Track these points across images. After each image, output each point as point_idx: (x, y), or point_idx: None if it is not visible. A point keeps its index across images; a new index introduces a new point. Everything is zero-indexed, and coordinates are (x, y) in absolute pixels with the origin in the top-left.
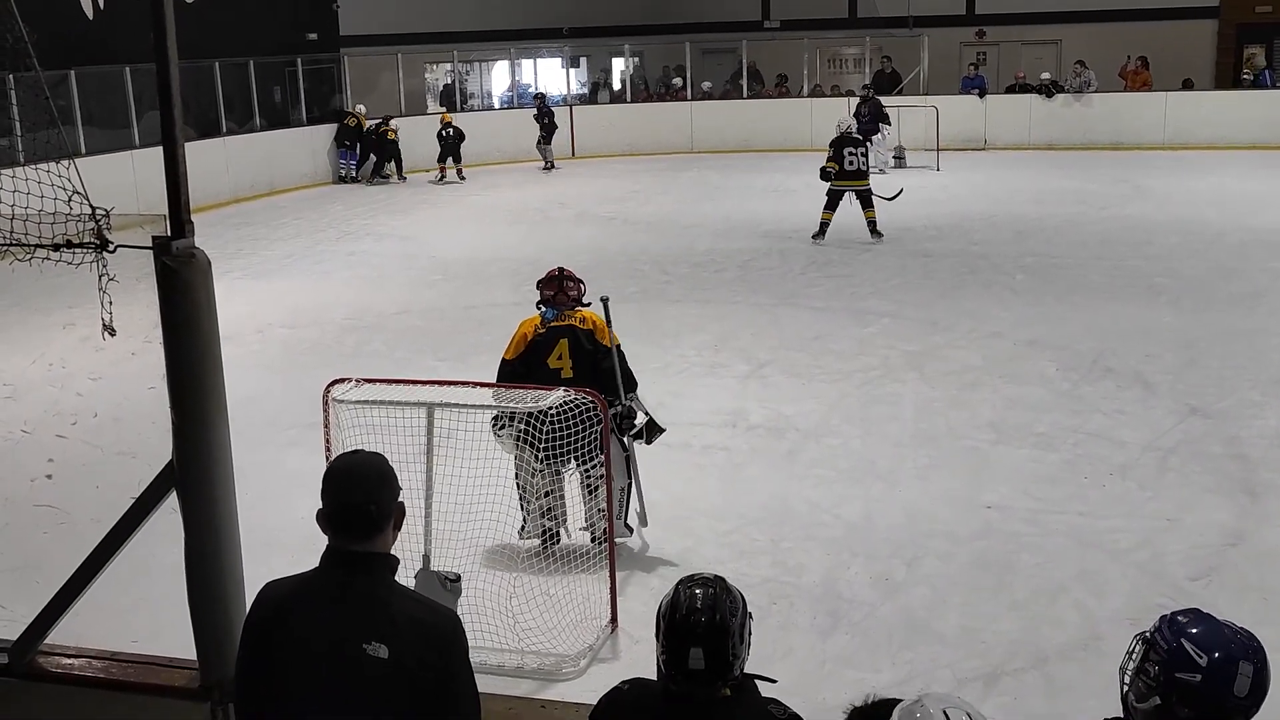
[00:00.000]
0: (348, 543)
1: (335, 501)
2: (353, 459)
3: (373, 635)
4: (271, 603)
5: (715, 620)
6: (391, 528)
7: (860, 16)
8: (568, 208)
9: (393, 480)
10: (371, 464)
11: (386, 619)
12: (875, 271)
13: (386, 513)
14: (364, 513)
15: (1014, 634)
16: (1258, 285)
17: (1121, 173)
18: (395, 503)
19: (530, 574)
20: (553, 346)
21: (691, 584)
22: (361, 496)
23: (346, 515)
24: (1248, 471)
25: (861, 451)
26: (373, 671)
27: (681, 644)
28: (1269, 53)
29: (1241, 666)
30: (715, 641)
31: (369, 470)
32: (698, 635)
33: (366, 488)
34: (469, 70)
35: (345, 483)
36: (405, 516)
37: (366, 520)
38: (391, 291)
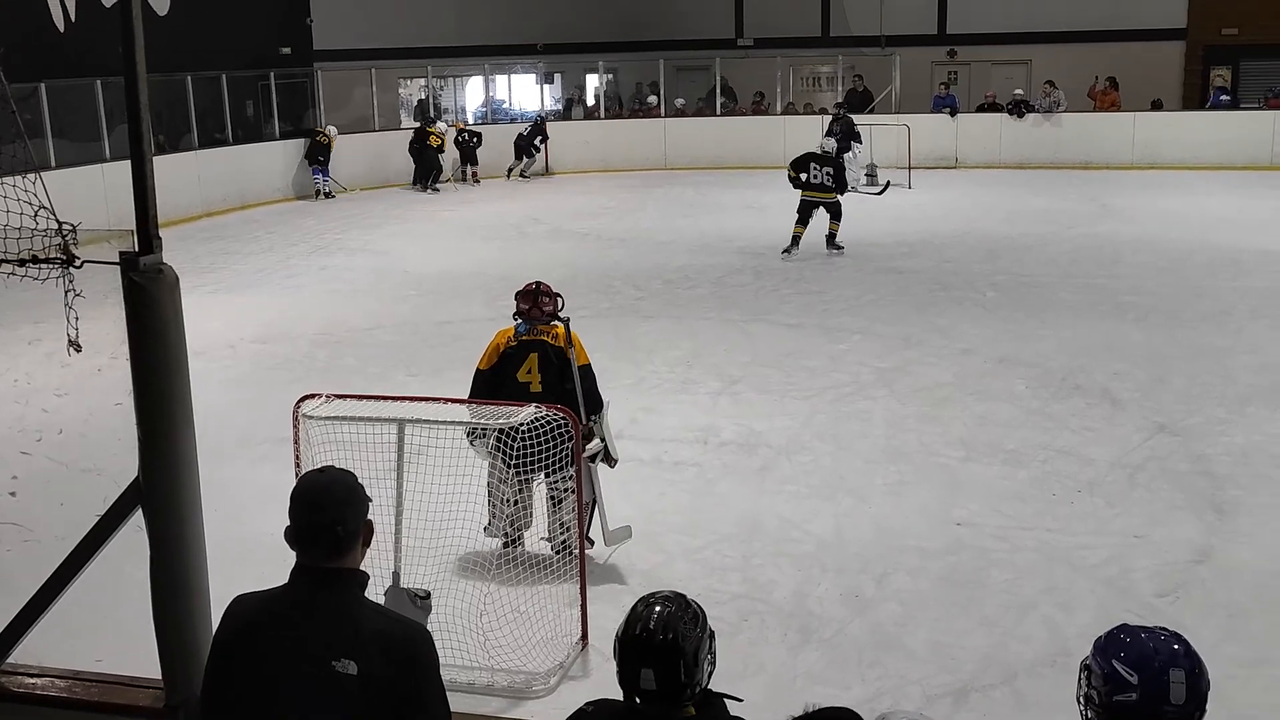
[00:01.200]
0: (315, 560)
1: (301, 520)
2: (320, 477)
3: (341, 652)
4: (239, 618)
5: (667, 640)
6: (360, 545)
7: (833, 35)
8: (542, 223)
9: (360, 498)
10: (339, 482)
11: (355, 635)
12: (847, 288)
13: (354, 531)
14: (330, 532)
15: (983, 650)
16: (1225, 303)
17: (1091, 192)
18: (363, 520)
19: (501, 590)
20: (523, 360)
21: (649, 603)
22: (328, 515)
23: (312, 533)
24: (1215, 488)
25: (832, 467)
26: (342, 688)
27: (633, 664)
28: (1235, 74)
29: (1173, 674)
30: (666, 662)
31: (336, 489)
32: (648, 655)
33: (332, 506)
34: (443, 85)
35: (311, 501)
36: (374, 534)
37: (332, 539)
38: (364, 306)
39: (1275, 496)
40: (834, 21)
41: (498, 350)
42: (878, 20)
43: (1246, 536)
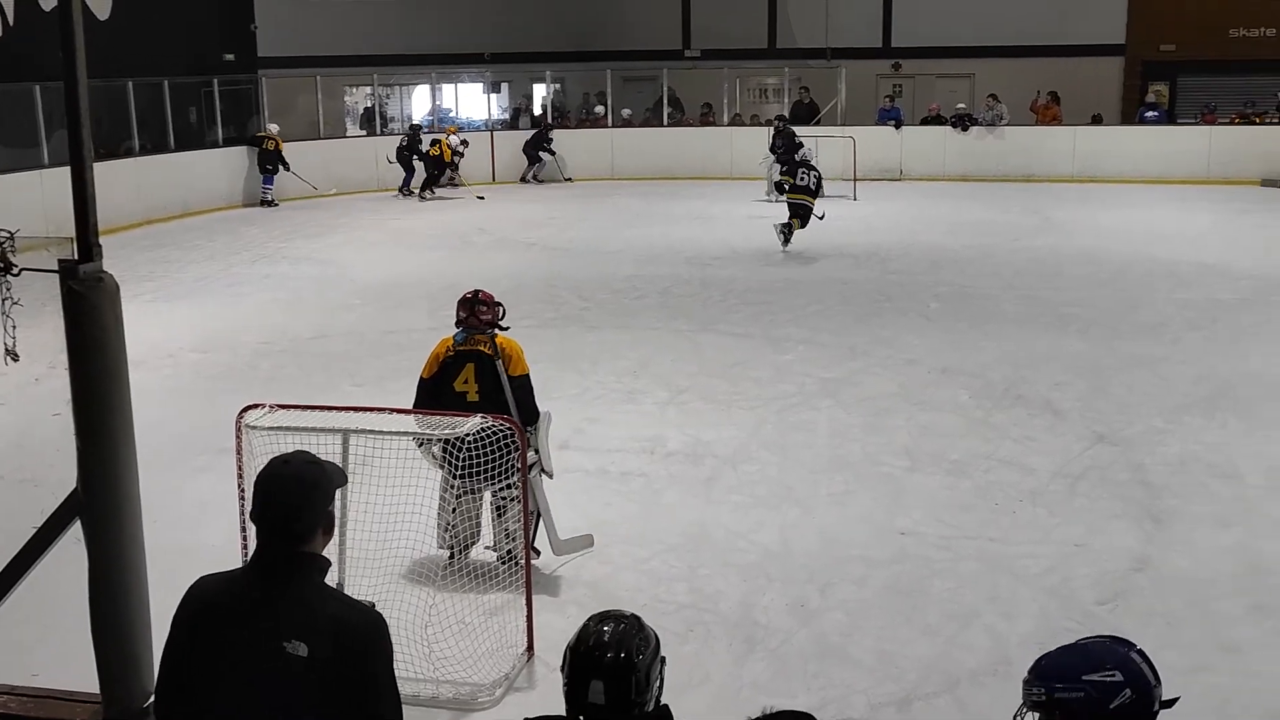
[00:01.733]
0: (274, 544)
1: (260, 505)
2: (284, 468)
3: (293, 633)
4: (199, 598)
5: (620, 657)
6: (321, 533)
7: (779, 47)
8: (487, 233)
9: (323, 488)
10: (302, 473)
11: (308, 618)
12: (793, 299)
13: (313, 521)
14: (286, 519)
15: (927, 658)
16: (1163, 315)
17: (1032, 204)
18: (325, 510)
19: (446, 601)
20: (459, 370)
21: (603, 619)
22: (288, 505)
23: (269, 520)
24: (1152, 498)
25: (778, 478)
26: (291, 669)
27: (583, 676)
28: (1173, 89)
29: (1136, 657)
30: (618, 677)
31: (298, 478)
32: (600, 669)
33: (293, 496)
34: (389, 94)
35: (270, 488)
36: (334, 523)
37: (288, 526)
38: (308, 315)
39: (1211, 505)
40: (781, 34)
41: (437, 359)
42: (824, 33)
43: (1183, 545)
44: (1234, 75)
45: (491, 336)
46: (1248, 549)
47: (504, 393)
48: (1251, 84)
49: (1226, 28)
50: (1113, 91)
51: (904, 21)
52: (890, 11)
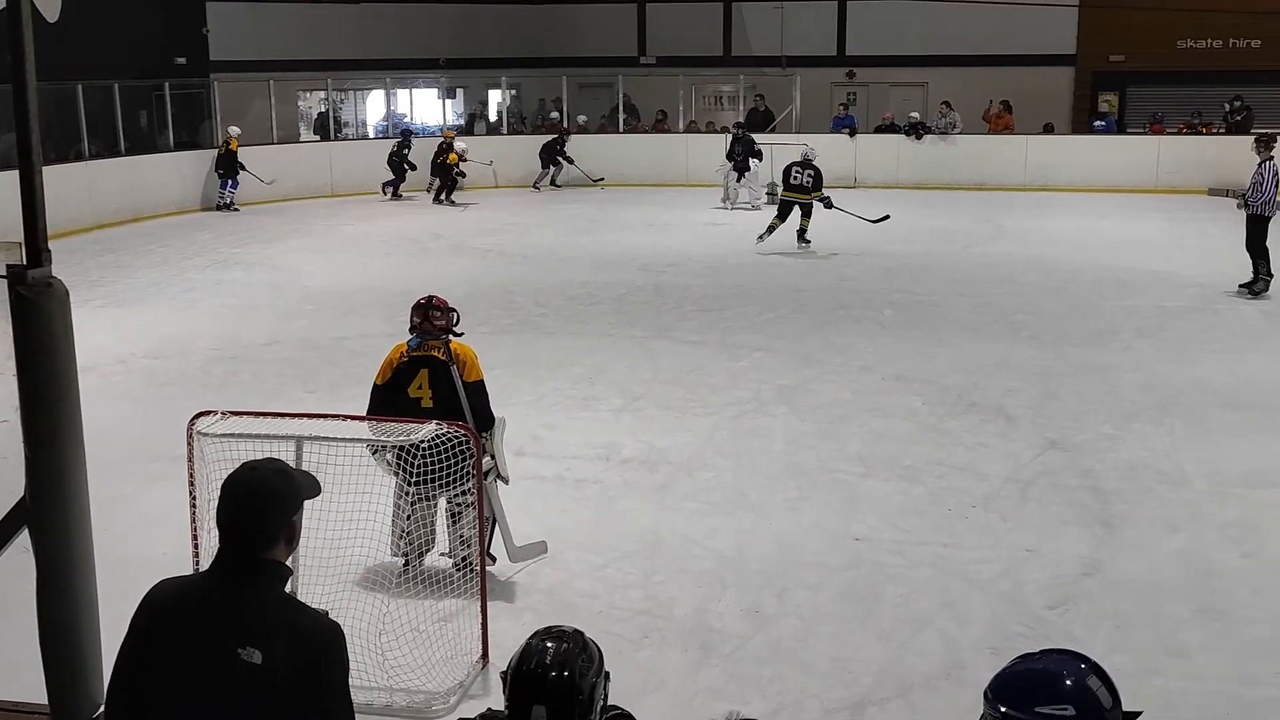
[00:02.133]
0: (235, 549)
1: (225, 511)
2: (251, 473)
3: (249, 639)
4: (156, 602)
5: (563, 678)
6: (283, 542)
7: (735, 55)
8: (443, 239)
9: (289, 496)
10: (266, 483)
11: (265, 624)
12: (748, 306)
13: (275, 528)
14: (251, 525)
15: (880, 663)
16: (1112, 322)
17: (985, 212)
18: (288, 518)
19: (400, 609)
20: (414, 375)
21: (546, 637)
22: (251, 510)
23: (231, 525)
24: (1102, 503)
25: (733, 484)
26: (244, 676)
27: (525, 700)
28: (1122, 99)
29: (1090, 682)
30: (560, 700)
31: (265, 484)
32: (542, 692)
33: (257, 501)
34: (343, 99)
35: (234, 493)
36: (299, 532)
37: (253, 533)
38: (261, 321)
39: (1159, 511)
40: (736, 41)
41: (391, 365)
42: (778, 41)
43: (1133, 550)
44: (1181, 86)
45: (446, 342)
46: (1195, 553)
47: (459, 398)
48: (1198, 94)
49: (1174, 39)
50: (1064, 101)
51: (858, 30)
52: (844, 20)
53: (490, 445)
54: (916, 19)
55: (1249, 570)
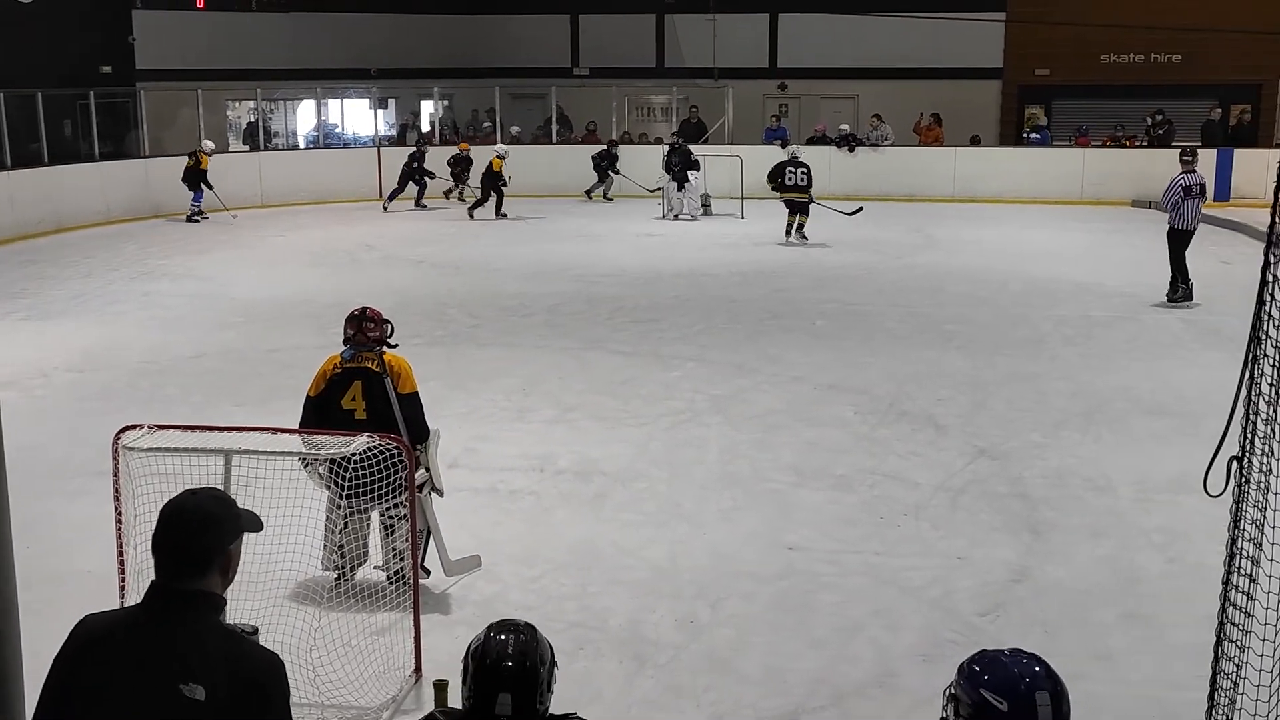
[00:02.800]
0: (171, 580)
1: (158, 539)
2: (185, 500)
3: (189, 675)
4: (83, 637)
5: (525, 667)
6: (218, 571)
7: (667, 66)
8: (375, 250)
9: (224, 524)
10: (202, 508)
11: (205, 658)
12: (681, 316)
13: (210, 557)
14: (184, 555)
15: (814, 672)
16: (1040, 331)
17: (915, 223)
18: (224, 548)
19: (332, 623)
20: (347, 387)
21: (502, 630)
22: (180, 538)
23: (163, 554)
24: (1030, 510)
25: (667, 494)
26: (189, 712)
27: (490, 689)
28: (1048, 112)
29: (1039, 698)
30: (524, 688)
31: (198, 513)
32: (507, 681)
33: (190, 530)
34: (273, 109)
35: (168, 521)
36: (237, 562)
37: (186, 563)
38: (189, 334)
39: (1086, 517)
40: (668, 53)
41: (324, 376)
42: (711, 53)
43: (1061, 556)
44: (1105, 99)
45: (379, 354)
46: (1120, 559)
47: (392, 410)
48: (1121, 108)
49: (1098, 54)
50: (991, 114)
51: (789, 43)
52: (776, 33)
53: (425, 458)
54: (847, 32)
55: (1173, 575)
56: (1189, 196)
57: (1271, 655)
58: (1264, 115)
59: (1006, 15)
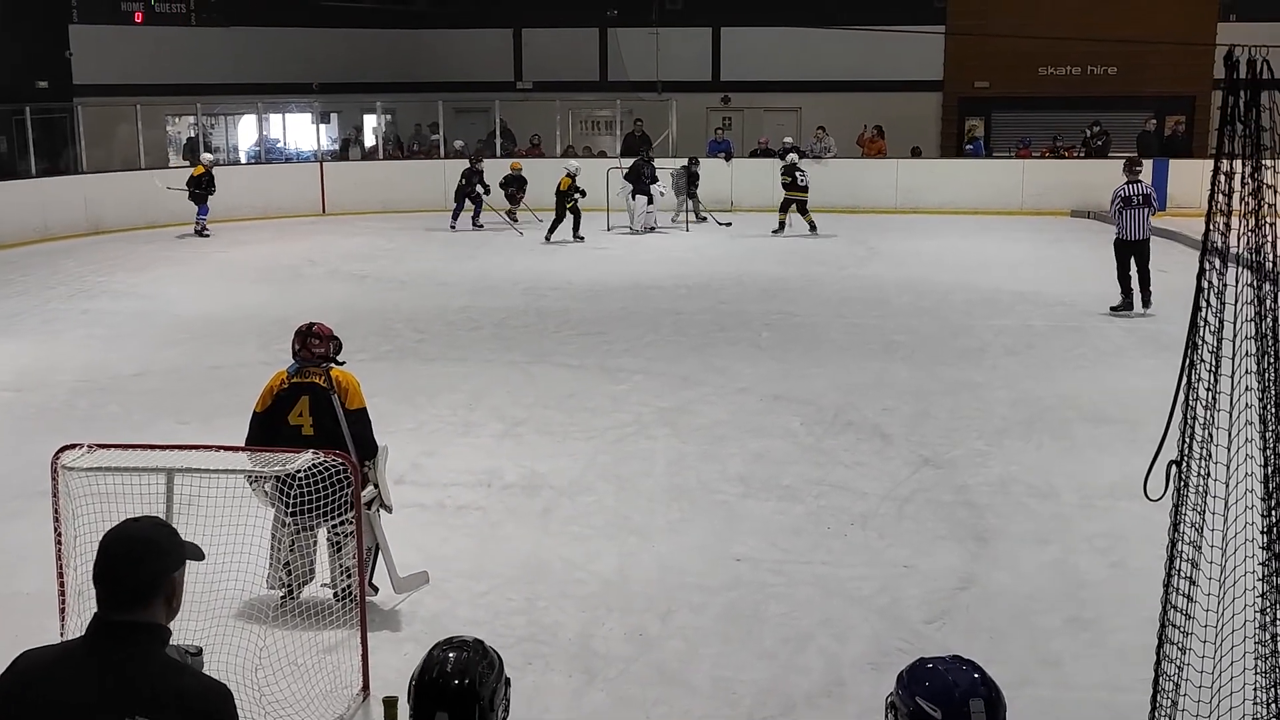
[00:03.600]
0: (113, 612)
1: (100, 570)
2: (127, 528)
3: (136, 710)
4: (23, 672)
5: (464, 685)
6: (162, 601)
7: (611, 80)
8: (319, 265)
9: (166, 552)
10: (144, 536)
11: (150, 693)
12: (628, 329)
13: (152, 587)
14: (127, 586)
15: (763, 682)
16: (982, 340)
17: (858, 235)
18: (168, 576)
19: (278, 642)
20: (294, 403)
21: (446, 647)
22: (126, 569)
23: (104, 584)
24: (975, 518)
25: (615, 507)
26: None
27: (428, 708)
28: (988, 124)
29: (973, 704)
30: (462, 707)
31: (139, 542)
32: (444, 699)
33: (133, 560)
34: (214, 123)
35: (108, 551)
36: (181, 591)
37: (127, 593)
38: (130, 351)
39: (1030, 524)
40: (612, 66)
41: (271, 392)
42: (654, 66)
43: (1005, 562)
44: (1043, 111)
45: (327, 370)
46: (1064, 564)
47: (340, 426)
48: (1060, 119)
49: (1036, 66)
50: (932, 125)
51: (732, 56)
52: (719, 46)
53: (373, 474)
54: (789, 45)
55: (1116, 579)
56: (1129, 206)
57: (1213, 656)
58: (1198, 126)
59: (946, 28)
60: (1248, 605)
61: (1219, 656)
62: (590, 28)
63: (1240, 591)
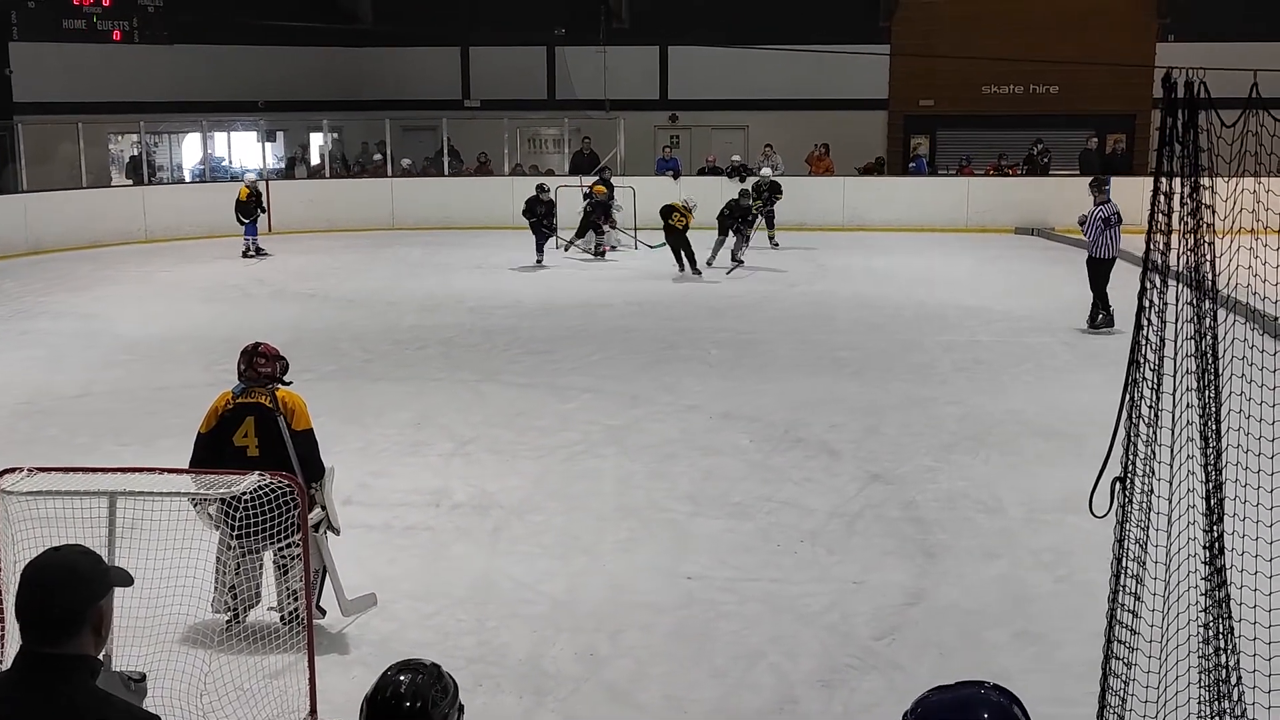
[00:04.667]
0: (40, 645)
1: (23, 602)
2: (49, 558)
3: None
4: None
5: (416, 708)
6: (89, 631)
7: (559, 98)
8: (265, 285)
9: (91, 581)
10: (66, 564)
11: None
12: (577, 348)
13: (78, 617)
14: (53, 617)
15: (713, 701)
16: (930, 356)
17: (807, 252)
18: (94, 605)
19: (224, 667)
20: (239, 424)
21: (400, 670)
22: (51, 599)
23: (27, 616)
24: (924, 533)
25: (565, 526)
26: None
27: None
28: (933, 142)
29: (1016, 710)
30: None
31: (61, 571)
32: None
33: (54, 589)
34: (157, 142)
35: (29, 581)
36: (110, 619)
37: (53, 625)
38: (71, 373)
39: (977, 539)
40: (560, 85)
41: (216, 413)
42: (602, 85)
43: (954, 577)
44: (988, 129)
45: (272, 390)
46: (1011, 579)
47: (286, 447)
48: (1003, 137)
49: (979, 85)
50: (878, 143)
51: (680, 75)
52: (666, 65)
53: (320, 496)
54: (737, 64)
55: (1063, 594)
56: (1109, 226)
57: (1158, 671)
58: (1138, 144)
59: (891, 48)
60: (1192, 620)
61: (1164, 671)
62: (538, 46)
63: (1184, 606)
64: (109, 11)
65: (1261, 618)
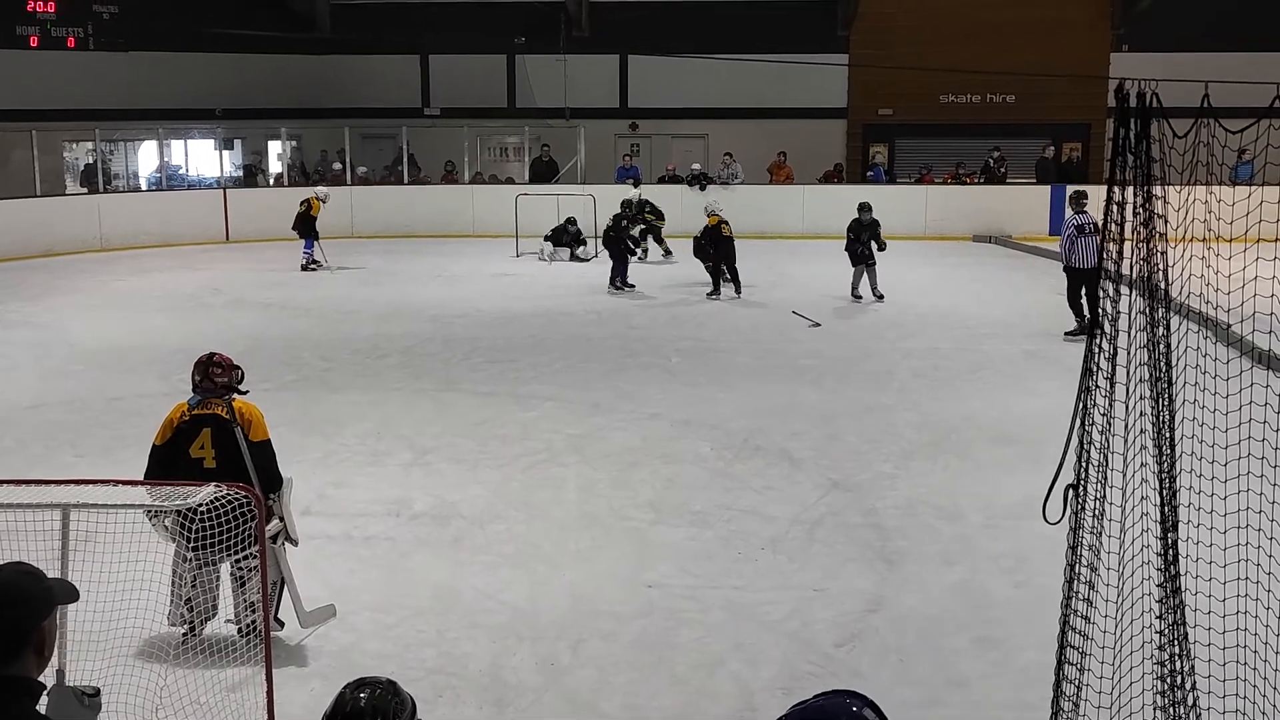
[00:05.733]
0: None
1: None
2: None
3: None
4: None
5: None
6: (30, 651)
7: (519, 106)
8: (223, 294)
9: (30, 600)
10: (7, 583)
11: None
12: (538, 356)
13: (21, 637)
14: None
15: (675, 709)
16: (890, 364)
17: (767, 260)
18: (35, 625)
19: (180, 680)
20: (195, 435)
21: (359, 686)
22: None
23: None
24: (884, 540)
25: (526, 535)
26: None
27: None
28: (891, 150)
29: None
30: None
31: (7, 586)
32: None
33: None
34: (113, 149)
35: None
36: (53, 639)
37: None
38: (24, 382)
39: (937, 545)
40: (520, 93)
41: (171, 424)
42: (562, 93)
43: (914, 584)
44: (946, 138)
45: (229, 401)
46: (971, 585)
47: (243, 458)
48: (961, 146)
49: (937, 94)
50: (837, 152)
51: (640, 83)
52: (626, 73)
53: (278, 507)
54: (696, 73)
55: (1021, 599)
56: (1082, 235)
57: (1111, 676)
58: (1094, 153)
59: (849, 58)
60: (1146, 626)
61: (1117, 676)
62: (498, 55)
63: (1139, 613)
64: (63, 19)
65: (1215, 623)
